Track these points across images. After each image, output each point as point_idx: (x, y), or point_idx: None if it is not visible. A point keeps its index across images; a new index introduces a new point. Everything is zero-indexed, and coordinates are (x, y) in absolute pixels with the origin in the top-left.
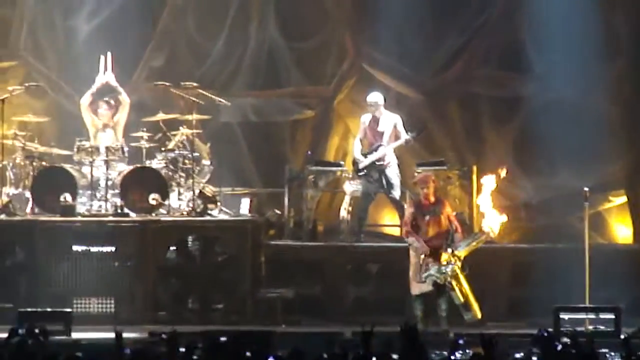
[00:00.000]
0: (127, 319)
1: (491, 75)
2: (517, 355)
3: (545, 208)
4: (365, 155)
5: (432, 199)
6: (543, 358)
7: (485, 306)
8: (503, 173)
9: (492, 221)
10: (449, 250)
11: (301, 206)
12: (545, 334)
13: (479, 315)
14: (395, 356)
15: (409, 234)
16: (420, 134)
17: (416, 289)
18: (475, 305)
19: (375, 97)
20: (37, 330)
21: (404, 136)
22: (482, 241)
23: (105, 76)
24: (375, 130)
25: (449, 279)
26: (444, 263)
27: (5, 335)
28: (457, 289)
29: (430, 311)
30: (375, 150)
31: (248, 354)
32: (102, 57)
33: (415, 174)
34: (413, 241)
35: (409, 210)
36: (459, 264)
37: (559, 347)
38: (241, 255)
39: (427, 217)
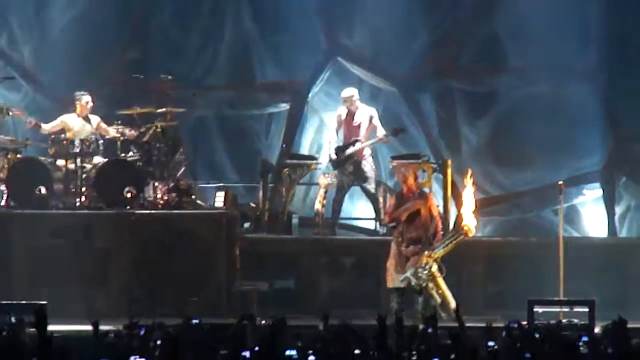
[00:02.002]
0: (102, 312)
1: (466, 69)
2: (490, 343)
3: (520, 201)
4: (340, 148)
5: (414, 189)
6: (517, 347)
7: (460, 300)
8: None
9: (470, 220)
10: (426, 252)
11: (276, 199)
12: (516, 325)
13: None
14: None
15: (391, 220)
16: (397, 135)
17: (391, 282)
18: (452, 305)
19: (350, 91)
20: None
21: (380, 132)
22: (459, 241)
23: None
24: (351, 124)
25: (424, 283)
26: (422, 265)
27: None
28: (434, 291)
29: (406, 305)
30: (352, 144)
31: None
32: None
33: (391, 167)
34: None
35: (390, 200)
36: (436, 265)
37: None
38: (216, 248)
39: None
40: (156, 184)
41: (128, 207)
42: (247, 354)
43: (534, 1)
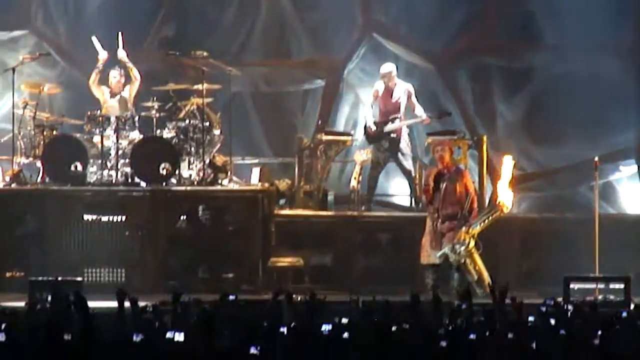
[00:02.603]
0: (138, 288)
1: (502, 45)
2: (531, 318)
3: (556, 178)
4: (377, 124)
5: (450, 166)
6: (555, 322)
7: (496, 277)
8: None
9: (506, 197)
10: (464, 228)
11: (311, 176)
12: (553, 303)
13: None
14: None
15: (428, 196)
16: (442, 118)
17: (426, 258)
18: (488, 281)
19: (389, 67)
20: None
21: (419, 110)
22: (496, 217)
23: (118, 53)
24: (388, 100)
25: (462, 259)
26: (459, 241)
27: (16, 303)
28: (470, 267)
29: (441, 281)
30: (392, 121)
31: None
32: (118, 35)
33: (426, 144)
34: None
35: (426, 175)
36: (473, 242)
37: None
38: (251, 225)
39: (443, 184)
40: (192, 160)
41: (164, 184)
42: (283, 329)
43: None
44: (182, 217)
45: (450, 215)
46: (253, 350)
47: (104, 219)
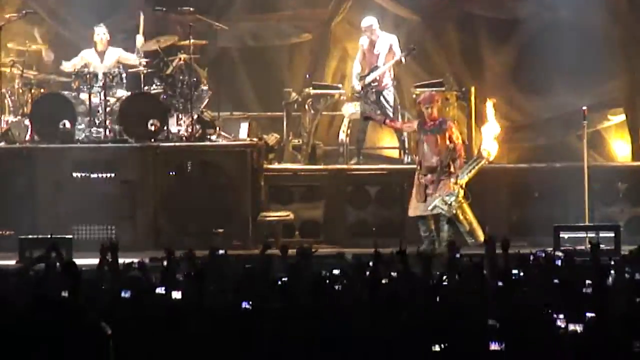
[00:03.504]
0: (128, 245)
1: None
2: (514, 271)
3: (544, 127)
4: (362, 78)
5: (436, 118)
6: (544, 273)
7: (487, 227)
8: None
9: (489, 144)
10: (452, 179)
11: (300, 130)
12: (544, 255)
13: (482, 239)
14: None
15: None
16: (410, 54)
17: (412, 211)
18: (479, 231)
19: (369, 21)
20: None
21: (397, 56)
22: (481, 166)
23: (138, 39)
24: (372, 54)
25: (454, 210)
26: (449, 192)
27: (6, 262)
28: (461, 217)
29: (433, 232)
30: (372, 71)
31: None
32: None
33: (414, 96)
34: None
35: (413, 122)
36: (462, 192)
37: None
38: (241, 180)
39: (425, 137)
40: (180, 116)
41: (152, 140)
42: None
43: None
44: (171, 173)
45: (432, 168)
46: (245, 305)
47: (93, 176)
